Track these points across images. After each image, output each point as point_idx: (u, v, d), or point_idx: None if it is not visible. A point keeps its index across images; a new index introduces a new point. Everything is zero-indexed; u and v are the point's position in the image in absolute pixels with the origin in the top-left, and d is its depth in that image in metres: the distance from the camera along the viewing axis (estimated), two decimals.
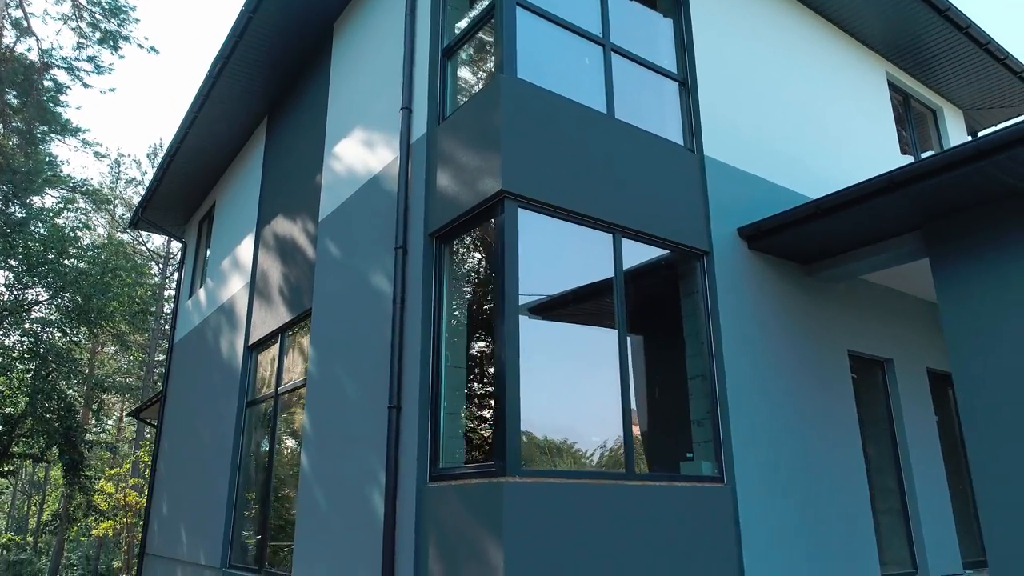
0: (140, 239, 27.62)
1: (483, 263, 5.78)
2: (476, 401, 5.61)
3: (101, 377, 22.63)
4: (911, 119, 9.97)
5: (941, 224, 5.92)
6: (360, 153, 7.29)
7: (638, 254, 5.98)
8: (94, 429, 24.61)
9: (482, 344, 5.65)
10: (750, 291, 6.50)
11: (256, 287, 9.70)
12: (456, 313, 5.79)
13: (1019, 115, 11.08)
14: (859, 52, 9.21)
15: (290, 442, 8.25)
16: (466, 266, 6.03)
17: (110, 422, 30.55)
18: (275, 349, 8.86)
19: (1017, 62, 9.71)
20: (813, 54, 8.51)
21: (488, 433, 5.34)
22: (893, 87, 9.78)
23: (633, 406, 5.52)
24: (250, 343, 9.51)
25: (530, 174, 5.27)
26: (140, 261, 25.52)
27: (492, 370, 5.16)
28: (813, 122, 8.08)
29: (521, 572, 4.34)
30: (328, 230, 7.67)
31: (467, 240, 5.88)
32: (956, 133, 10.53)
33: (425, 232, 5.83)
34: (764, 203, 6.93)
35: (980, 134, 11.34)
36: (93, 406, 20.44)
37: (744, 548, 5.55)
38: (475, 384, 5.68)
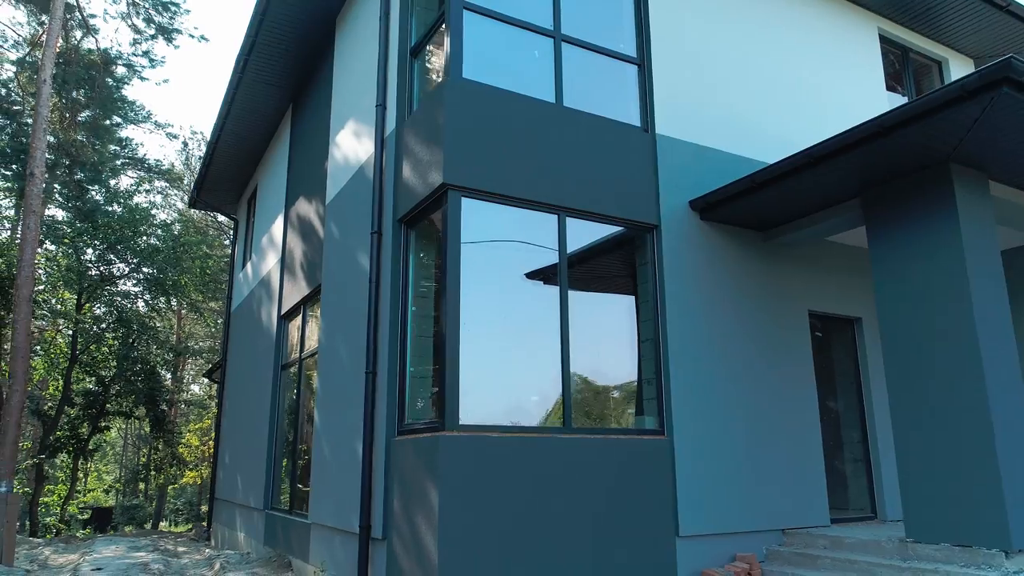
0: (211, 213, 29.70)
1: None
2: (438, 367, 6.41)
3: (176, 343, 24.84)
4: (909, 73, 9.91)
5: (875, 192, 6.23)
6: (353, 144, 8.08)
7: (602, 230, 6.62)
8: (177, 389, 27.07)
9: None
10: (701, 259, 6.98)
11: (285, 262, 10.76)
12: (424, 289, 6.56)
13: None
14: (847, 10, 9.23)
15: (311, 402, 9.33)
16: (433, 247, 6.77)
17: (195, 386, 33.27)
18: (299, 319, 9.92)
19: (1022, 8, 9.46)
20: (791, 18, 8.65)
21: None
22: (889, 42, 9.73)
23: (601, 367, 6.27)
24: (282, 313, 10.62)
25: (473, 166, 5.93)
26: (212, 234, 27.49)
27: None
28: (786, 89, 8.29)
29: (454, 513, 5.17)
30: (332, 213, 8.54)
31: (433, 223, 6.61)
32: None
33: (394, 218, 6.60)
34: (727, 175, 7.28)
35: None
36: (172, 369, 22.61)
37: (679, 495, 6.20)
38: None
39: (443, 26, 6.51)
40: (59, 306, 19.49)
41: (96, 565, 9.43)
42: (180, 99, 73.67)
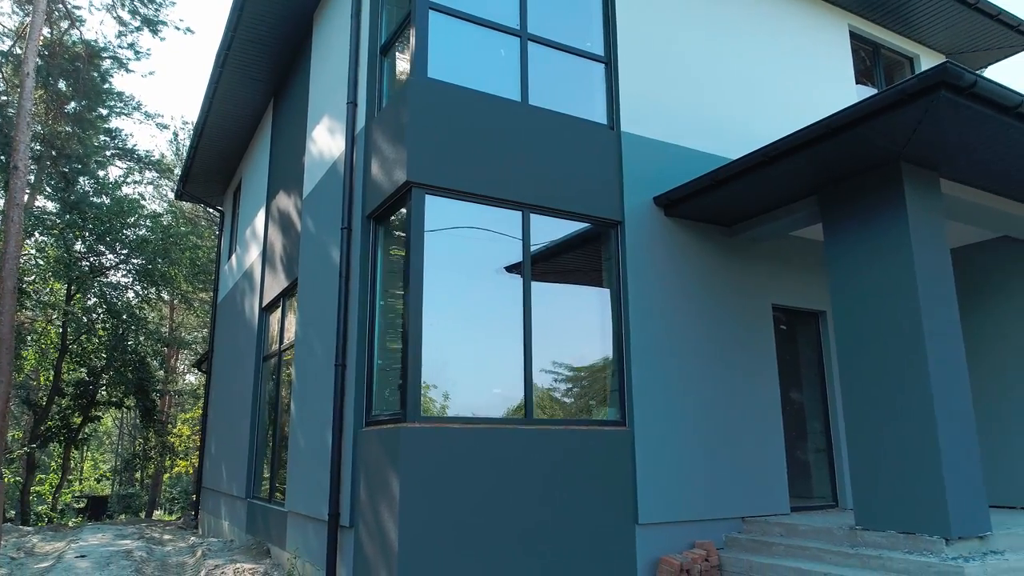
0: (199, 205, 29.72)
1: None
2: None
3: (169, 333, 24.99)
4: (880, 69, 10.04)
5: (831, 190, 6.38)
6: (327, 140, 8.20)
7: (574, 225, 6.79)
8: (168, 379, 27.24)
9: None
10: (664, 254, 7.13)
11: (266, 255, 10.90)
12: (391, 284, 6.71)
13: (1009, 56, 10.87)
14: (817, 7, 9.35)
15: (289, 394, 9.50)
16: (401, 243, 6.91)
17: (191, 376, 33.42)
18: (279, 312, 10.07)
19: (991, 5, 9.59)
20: (760, 16, 8.77)
21: None
22: (860, 39, 9.86)
23: (568, 359, 6.47)
24: (263, 305, 10.77)
25: (437, 165, 6.07)
26: (204, 224, 27.56)
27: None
28: (754, 85, 8.43)
29: (414, 501, 5.35)
30: (308, 208, 8.68)
31: (400, 220, 6.76)
32: None
33: (363, 214, 6.74)
34: (692, 172, 7.41)
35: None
36: (162, 359, 22.79)
37: (639, 484, 6.39)
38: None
39: (410, 25, 6.63)
40: (48, 297, 19.61)
41: (80, 552, 9.62)
42: (170, 90, 73.54)
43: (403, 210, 6.19)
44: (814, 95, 8.89)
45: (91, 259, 19.94)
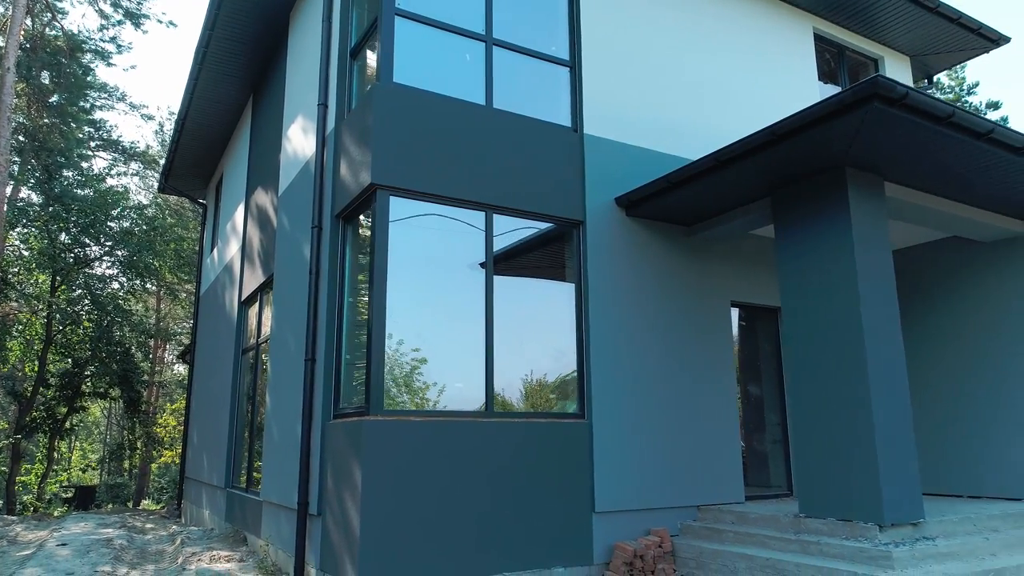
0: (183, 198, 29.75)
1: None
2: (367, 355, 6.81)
3: (155, 324, 25.11)
4: (844, 70, 10.29)
5: (782, 193, 6.64)
6: (301, 140, 8.39)
7: (539, 224, 7.05)
8: (154, 370, 27.38)
9: None
10: (625, 253, 7.39)
11: (245, 250, 11.09)
12: (358, 281, 6.94)
13: (973, 58, 11.15)
14: (781, 10, 9.59)
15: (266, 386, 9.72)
16: (367, 242, 7.13)
17: (180, 367, 33.55)
18: (257, 306, 10.28)
19: (951, 9, 9.85)
20: (724, 19, 9.00)
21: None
22: (824, 41, 10.11)
23: (531, 353, 6.76)
24: (242, 299, 10.97)
25: (401, 167, 6.29)
26: (189, 216, 27.62)
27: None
28: (717, 88, 8.67)
29: (375, 491, 5.61)
30: (283, 205, 8.87)
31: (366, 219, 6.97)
32: (900, 80, 10.72)
33: (332, 213, 6.96)
34: (655, 173, 7.62)
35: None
36: (146, 351, 22.95)
37: (596, 474, 6.67)
38: None
39: (378, 31, 6.82)
40: (32, 289, 19.70)
41: (62, 541, 9.84)
42: (156, 81, 73.01)
43: (368, 210, 6.41)
44: (777, 97, 9.14)
45: (76, 251, 20.02)
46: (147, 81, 69.30)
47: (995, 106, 30.29)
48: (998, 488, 7.59)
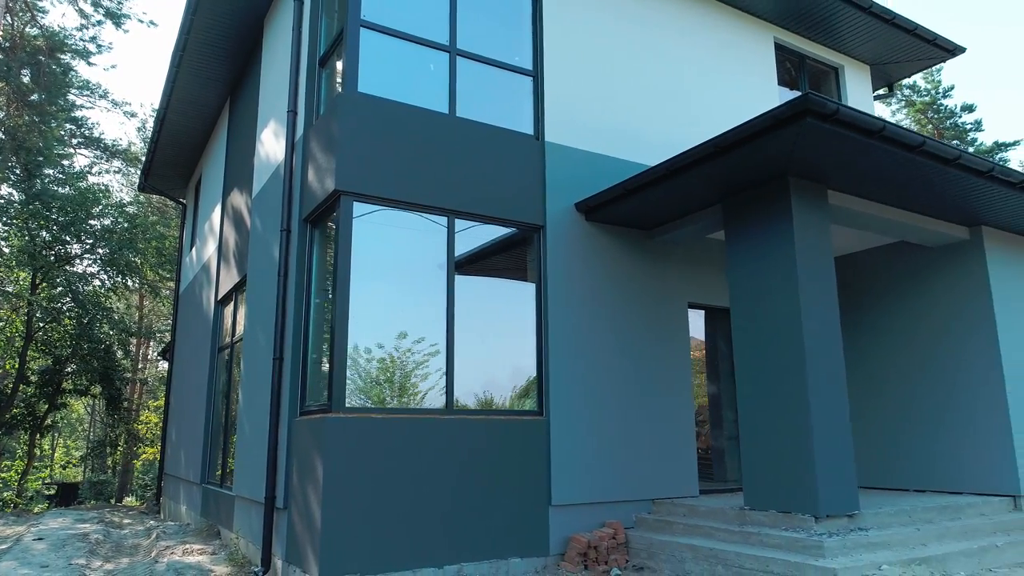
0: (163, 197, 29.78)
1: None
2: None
3: (138, 322, 25.19)
4: (804, 79, 10.62)
5: (732, 200, 6.94)
6: (273, 144, 8.61)
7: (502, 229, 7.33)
8: (135, 368, 27.44)
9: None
10: (584, 256, 7.67)
11: (222, 250, 11.28)
12: (324, 283, 7.18)
13: (931, 66, 11.50)
14: (742, 20, 9.89)
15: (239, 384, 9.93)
16: (333, 245, 7.37)
17: (164, 364, 33.59)
18: (232, 305, 10.48)
19: (907, 21, 10.20)
20: (685, 29, 9.29)
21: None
22: (785, 50, 10.42)
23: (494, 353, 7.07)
24: (218, 298, 11.17)
25: (366, 174, 6.53)
26: (172, 214, 27.67)
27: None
28: (677, 97, 8.96)
29: (336, 485, 5.86)
30: (257, 207, 9.09)
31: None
32: (860, 88, 11.11)
33: (300, 217, 7.19)
34: (614, 179, 7.91)
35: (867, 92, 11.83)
36: (127, 348, 23.02)
37: (552, 468, 6.95)
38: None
39: (343, 41, 7.05)
40: (12, 287, 19.73)
41: (39, 535, 10.02)
42: (139, 79, 72.69)
43: (333, 215, 6.65)
44: (737, 105, 9.42)
45: (56, 248, 20.08)
46: (130, 78, 69.05)
47: (970, 109, 30.88)
48: (943, 483, 7.93)
